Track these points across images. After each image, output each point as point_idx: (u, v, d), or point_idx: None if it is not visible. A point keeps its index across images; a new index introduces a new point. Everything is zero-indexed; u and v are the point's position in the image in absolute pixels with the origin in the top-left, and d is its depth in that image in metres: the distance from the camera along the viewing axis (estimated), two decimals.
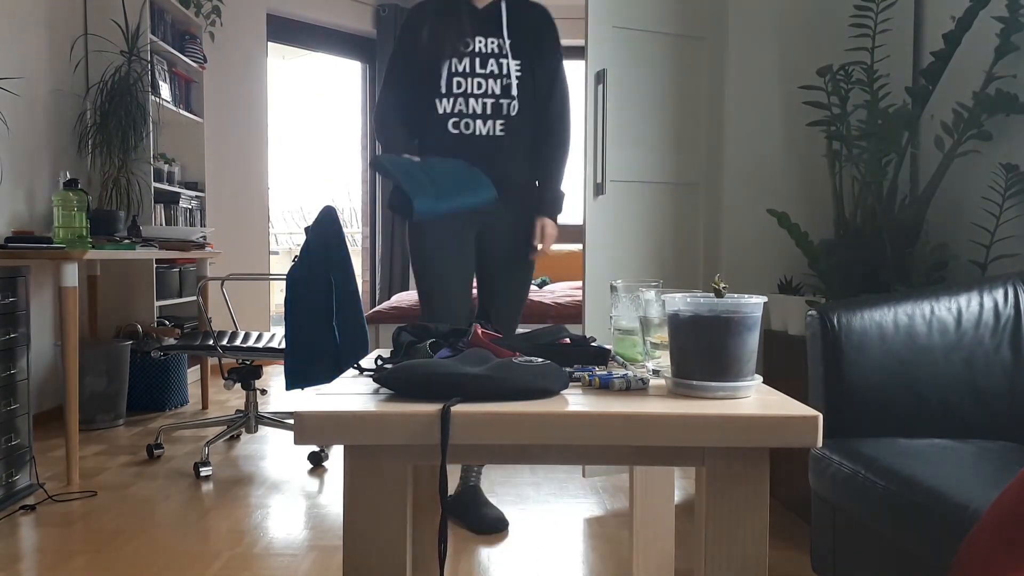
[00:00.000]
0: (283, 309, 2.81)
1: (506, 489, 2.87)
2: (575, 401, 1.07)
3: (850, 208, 2.59)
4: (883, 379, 1.72)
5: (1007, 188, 2.24)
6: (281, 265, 6.81)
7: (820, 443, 1.01)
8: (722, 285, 1.12)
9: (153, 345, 4.13)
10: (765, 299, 1.11)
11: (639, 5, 2.85)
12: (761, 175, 2.90)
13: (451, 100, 2.32)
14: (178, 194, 4.69)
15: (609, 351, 1.34)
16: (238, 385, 4.80)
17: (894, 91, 2.80)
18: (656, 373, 1.24)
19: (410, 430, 1.00)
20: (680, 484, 2.94)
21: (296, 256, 2.80)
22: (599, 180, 2.78)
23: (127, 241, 3.57)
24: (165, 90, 4.55)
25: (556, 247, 6.52)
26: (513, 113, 2.35)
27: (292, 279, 2.78)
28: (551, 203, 2.43)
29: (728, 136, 2.90)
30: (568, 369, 1.24)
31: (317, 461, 3.21)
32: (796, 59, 2.89)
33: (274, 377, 5.40)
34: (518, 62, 2.36)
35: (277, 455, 3.34)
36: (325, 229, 2.86)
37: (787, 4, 2.88)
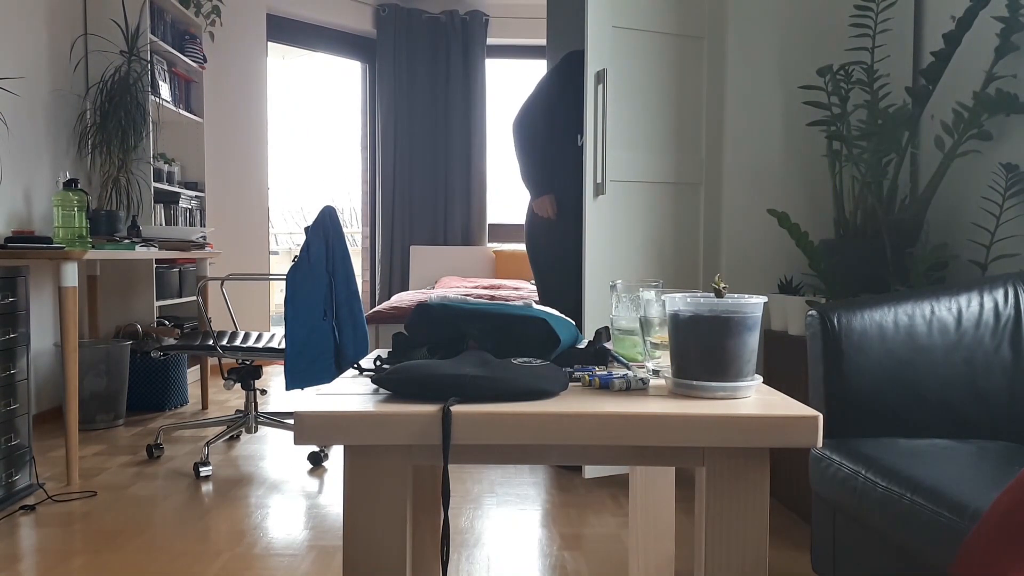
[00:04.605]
0: (283, 309, 2.81)
1: (506, 489, 2.87)
2: (575, 401, 1.07)
3: (850, 208, 2.59)
4: (883, 379, 1.72)
5: (1007, 188, 2.24)
6: (281, 265, 6.81)
7: (820, 443, 1.01)
8: (722, 285, 1.12)
9: (153, 345, 4.13)
10: (765, 299, 1.11)
11: (639, 5, 2.85)
12: (761, 175, 2.90)
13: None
14: (178, 194, 4.69)
15: (609, 351, 1.34)
16: (238, 385, 4.80)
17: (894, 91, 2.80)
18: (656, 373, 1.24)
19: (410, 430, 1.00)
20: (680, 484, 2.94)
21: (296, 256, 2.81)
22: (599, 180, 2.78)
23: (127, 241, 3.57)
24: (165, 90, 4.55)
25: None
26: None
27: (292, 279, 2.78)
28: None
29: (728, 136, 2.90)
30: (568, 369, 1.24)
31: (317, 461, 3.21)
32: (796, 59, 2.89)
33: (274, 377, 5.40)
34: None
35: (277, 455, 3.34)
36: (325, 229, 2.86)
37: (787, 4, 2.88)
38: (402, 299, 5.06)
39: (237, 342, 3.27)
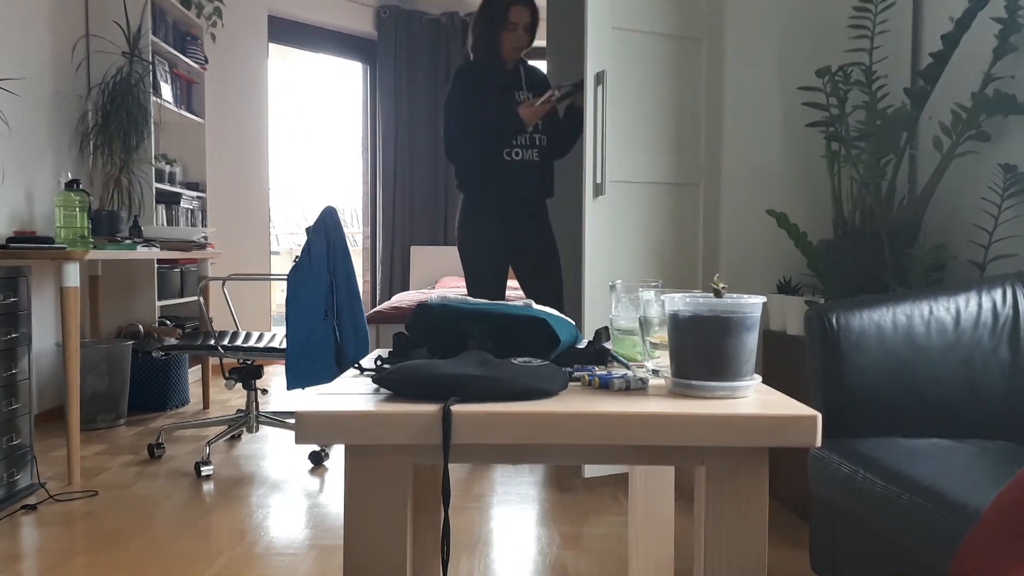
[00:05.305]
0: (284, 309, 2.81)
1: (506, 489, 2.87)
2: (575, 401, 1.07)
3: (849, 208, 2.59)
4: (882, 379, 1.72)
5: (1005, 188, 2.24)
6: (282, 265, 6.81)
7: (819, 443, 1.01)
8: (721, 285, 1.13)
9: (154, 345, 4.13)
10: (764, 299, 1.11)
11: (638, 6, 2.85)
12: (760, 175, 2.90)
13: (511, 149, 3.08)
14: (179, 194, 4.69)
15: (609, 351, 1.34)
16: (239, 385, 4.79)
17: (893, 92, 2.81)
18: (656, 373, 1.25)
19: (410, 430, 1.00)
20: (680, 484, 2.94)
21: (297, 256, 2.81)
22: (599, 181, 2.78)
23: (128, 241, 3.57)
24: (166, 91, 4.56)
25: None
26: (543, 144, 3.12)
27: (293, 279, 2.78)
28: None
29: (727, 136, 2.90)
30: (568, 369, 1.25)
31: (318, 461, 3.22)
32: (795, 59, 2.89)
33: (275, 377, 5.40)
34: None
35: (278, 455, 3.35)
36: (326, 229, 2.86)
37: (786, 4, 2.89)
38: (402, 299, 5.07)
39: (238, 342, 3.28)
